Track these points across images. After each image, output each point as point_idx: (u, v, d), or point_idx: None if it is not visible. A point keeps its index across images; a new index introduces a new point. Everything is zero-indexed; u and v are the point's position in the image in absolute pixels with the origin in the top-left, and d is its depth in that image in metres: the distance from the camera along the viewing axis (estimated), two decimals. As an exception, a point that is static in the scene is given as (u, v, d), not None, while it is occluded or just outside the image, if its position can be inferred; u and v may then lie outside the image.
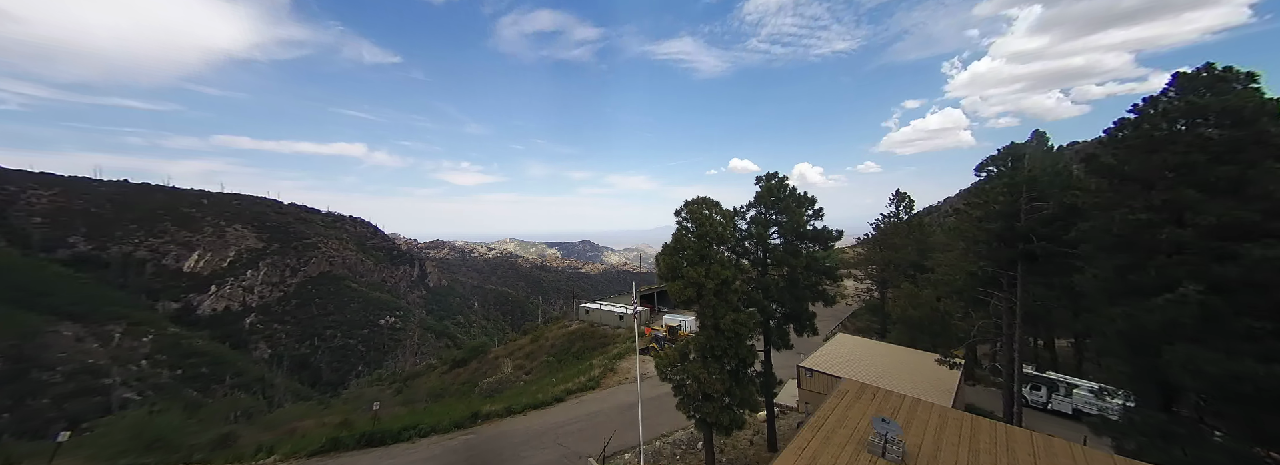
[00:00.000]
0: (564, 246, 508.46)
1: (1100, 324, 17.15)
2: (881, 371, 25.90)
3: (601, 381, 31.74)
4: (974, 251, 25.83)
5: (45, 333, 77.63)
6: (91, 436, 25.62)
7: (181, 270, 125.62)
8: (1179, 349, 13.74)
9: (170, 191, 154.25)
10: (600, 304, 54.96)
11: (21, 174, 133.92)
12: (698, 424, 16.95)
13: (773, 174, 20.12)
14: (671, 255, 16.88)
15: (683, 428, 23.17)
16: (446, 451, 21.47)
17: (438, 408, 31.07)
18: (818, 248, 20.51)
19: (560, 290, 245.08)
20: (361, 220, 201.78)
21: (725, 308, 16.12)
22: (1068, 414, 29.78)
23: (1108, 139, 17.90)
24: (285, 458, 20.71)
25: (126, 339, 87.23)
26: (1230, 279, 13.44)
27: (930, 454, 10.51)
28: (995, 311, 25.95)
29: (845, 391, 13.72)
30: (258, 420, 33.93)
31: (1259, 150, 13.93)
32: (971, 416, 12.39)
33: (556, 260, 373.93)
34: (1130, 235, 15.61)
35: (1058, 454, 10.50)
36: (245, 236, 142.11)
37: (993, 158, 38.43)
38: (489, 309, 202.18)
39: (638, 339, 21.57)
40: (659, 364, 17.03)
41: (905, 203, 48.68)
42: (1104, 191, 17.93)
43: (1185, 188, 14.59)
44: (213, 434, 25.17)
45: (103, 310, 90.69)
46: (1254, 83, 15.34)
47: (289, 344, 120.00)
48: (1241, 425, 14.09)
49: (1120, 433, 16.09)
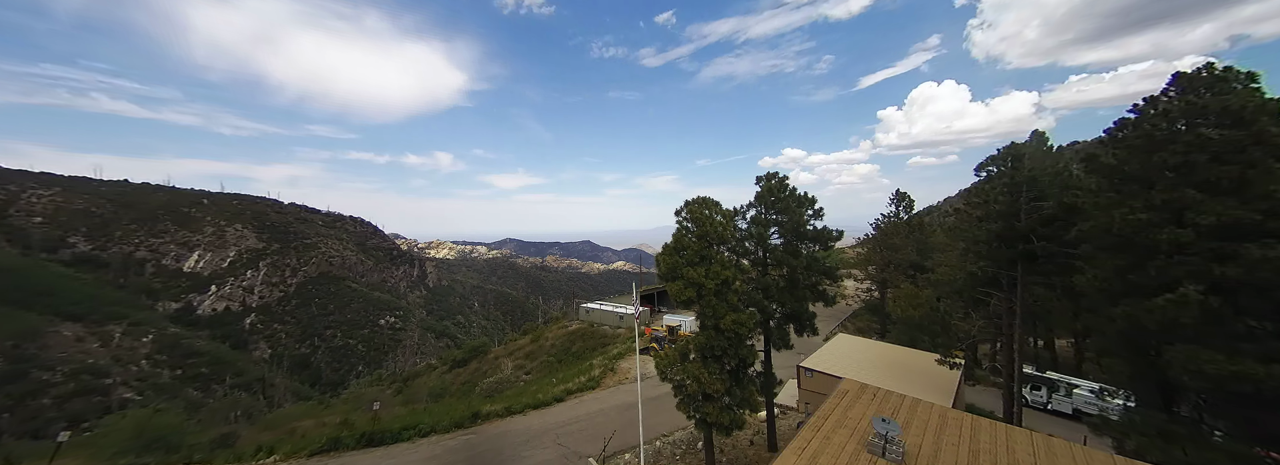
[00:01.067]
0: (564, 246, 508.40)
1: (1100, 324, 17.17)
2: (881, 371, 25.89)
3: (601, 381, 31.72)
4: (974, 251, 25.82)
5: (45, 333, 77.62)
6: (92, 436, 25.64)
7: (181, 270, 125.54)
8: (1179, 349, 13.76)
9: (170, 191, 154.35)
10: (600, 304, 54.94)
11: (21, 174, 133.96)
12: (698, 424, 16.93)
13: (772, 174, 20.11)
14: (671, 255, 16.88)
15: (683, 428, 23.17)
16: (446, 451, 21.46)
17: (438, 408, 31.06)
18: (818, 248, 20.50)
19: (560, 290, 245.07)
20: (361, 220, 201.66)
21: (725, 308, 16.10)
22: (1068, 414, 29.78)
23: (1108, 139, 17.90)
24: (285, 458, 20.71)
25: (126, 339, 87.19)
26: (1230, 279, 13.45)
27: (930, 454, 10.51)
28: (995, 311, 25.95)
29: (845, 391, 13.73)
30: (258, 420, 33.96)
31: (1259, 150, 13.91)
32: (971, 416, 12.39)
33: (556, 260, 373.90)
34: (1130, 235, 15.60)
35: (1058, 454, 10.50)
36: (245, 236, 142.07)
37: (992, 158, 38.35)
38: (489, 309, 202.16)
39: (638, 339, 21.57)
40: (659, 364, 17.02)
41: (905, 203, 48.69)
42: (1104, 191, 17.92)
43: (1185, 188, 14.59)
44: (213, 434, 25.21)
45: (103, 310, 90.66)
46: (1254, 83, 15.35)
47: (289, 344, 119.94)
48: (1241, 425, 14.11)
49: (1120, 433, 16.10)
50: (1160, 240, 14.76)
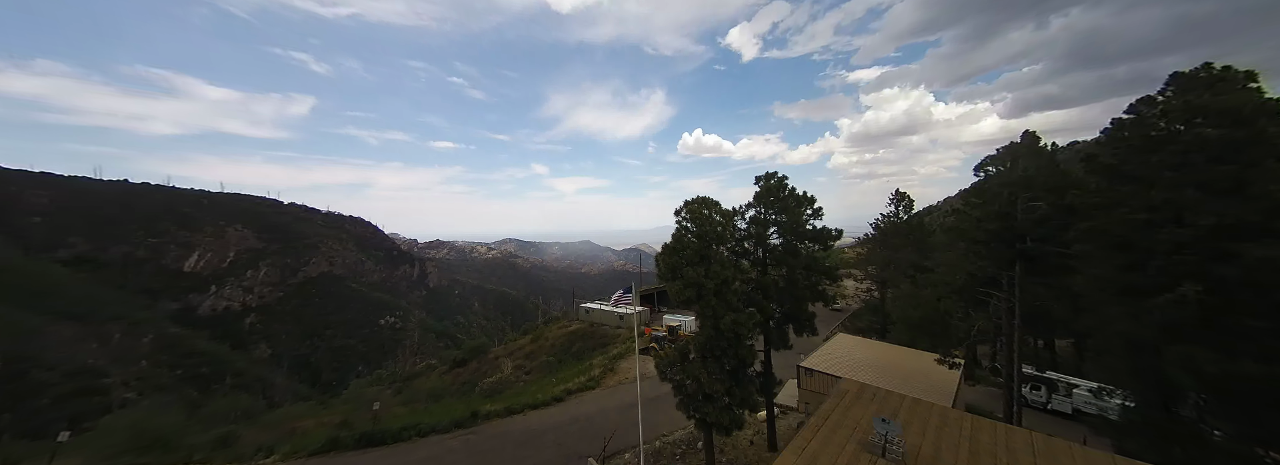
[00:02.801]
0: (564, 246, 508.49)
1: (1100, 324, 17.19)
2: (881, 371, 25.89)
3: (601, 381, 31.71)
4: (973, 251, 25.82)
5: (45, 333, 77.58)
6: (92, 436, 25.60)
7: (181, 270, 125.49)
8: (1179, 349, 13.76)
9: (170, 191, 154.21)
10: (600, 304, 54.93)
11: (21, 174, 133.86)
12: (698, 424, 16.94)
13: (772, 174, 20.11)
14: (671, 255, 16.88)
15: (683, 428, 23.16)
16: (446, 451, 21.47)
17: (438, 408, 31.07)
18: (817, 248, 20.50)
19: (560, 290, 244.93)
20: (361, 220, 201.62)
21: (725, 308, 16.10)
22: (1068, 414, 29.78)
23: (1107, 139, 17.92)
24: (285, 458, 20.71)
25: (126, 339, 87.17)
26: (1230, 279, 13.45)
27: (930, 454, 10.51)
28: (995, 311, 25.94)
29: (845, 391, 13.73)
30: (258, 420, 33.93)
31: (1258, 150, 13.92)
32: (971, 416, 12.39)
33: (556, 260, 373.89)
34: (1130, 235, 15.61)
35: (1058, 454, 10.50)
36: (245, 236, 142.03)
37: (991, 158, 38.45)
38: (489, 309, 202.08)
39: (638, 339, 21.57)
40: (659, 364, 17.03)
41: (905, 203, 48.69)
42: (1103, 191, 17.92)
43: (1185, 188, 14.60)
44: (213, 434, 25.19)
45: (103, 310, 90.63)
46: (1253, 82, 15.34)
47: (289, 344, 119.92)
48: (1241, 425, 14.11)
49: (1120, 433, 16.11)
50: (1160, 240, 14.78)
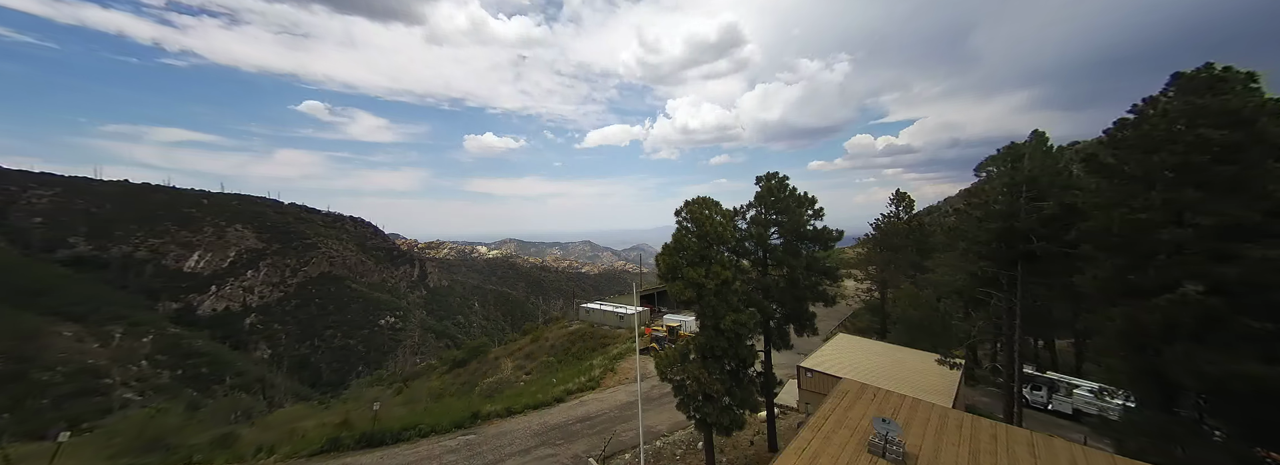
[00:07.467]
0: (564, 246, 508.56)
1: (1100, 324, 17.17)
2: (881, 371, 25.88)
3: (601, 381, 31.73)
4: (974, 251, 25.80)
5: (45, 333, 77.60)
6: (92, 436, 25.64)
7: (181, 270, 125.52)
8: (1179, 349, 13.75)
9: (170, 191, 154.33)
10: (600, 304, 54.93)
11: (21, 174, 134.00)
12: (698, 424, 16.94)
13: (772, 174, 20.12)
14: (671, 255, 16.87)
15: (683, 428, 23.17)
16: (446, 452, 21.46)
17: (438, 408, 31.06)
18: (818, 248, 20.51)
19: (560, 290, 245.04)
20: (361, 220, 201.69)
21: (725, 308, 16.11)
22: (1068, 414, 29.77)
23: (1108, 139, 17.89)
24: (285, 458, 20.71)
25: (126, 339, 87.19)
26: (1230, 279, 13.44)
27: (930, 454, 10.51)
28: (995, 311, 25.93)
29: (845, 391, 13.73)
30: (258, 420, 33.97)
31: (1259, 150, 13.92)
32: (971, 416, 12.40)
33: (556, 260, 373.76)
34: (1130, 235, 15.60)
35: (1058, 454, 10.50)
36: (245, 236, 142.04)
37: (992, 158, 38.31)
38: (489, 309, 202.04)
39: (638, 339, 21.59)
40: (659, 364, 17.02)
41: (905, 203, 48.70)
42: (1104, 191, 17.91)
43: (1185, 188, 14.59)
44: (213, 434, 25.21)
45: (103, 310, 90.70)
46: (1254, 83, 15.34)
47: (289, 344, 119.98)
48: (1241, 425, 14.10)
49: (1120, 433, 16.11)
50: (1160, 240, 14.77)
